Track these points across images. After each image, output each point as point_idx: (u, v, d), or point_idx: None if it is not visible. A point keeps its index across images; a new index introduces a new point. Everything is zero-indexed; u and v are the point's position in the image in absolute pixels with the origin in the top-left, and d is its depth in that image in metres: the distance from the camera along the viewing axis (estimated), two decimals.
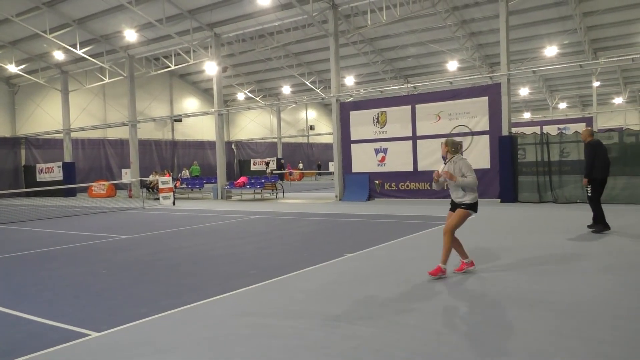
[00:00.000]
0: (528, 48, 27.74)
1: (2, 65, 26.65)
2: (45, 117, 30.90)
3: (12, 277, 7.30)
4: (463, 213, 6.44)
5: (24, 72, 27.86)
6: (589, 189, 9.25)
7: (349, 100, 20.38)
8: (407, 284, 6.00)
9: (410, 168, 17.72)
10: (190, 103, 39.37)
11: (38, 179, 29.63)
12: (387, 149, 18.31)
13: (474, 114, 16.54)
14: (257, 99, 39.20)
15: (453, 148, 6.62)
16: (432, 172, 6.82)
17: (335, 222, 12.57)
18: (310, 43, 28.40)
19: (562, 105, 43.58)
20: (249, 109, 27.65)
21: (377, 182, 18.41)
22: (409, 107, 17.87)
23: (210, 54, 23.26)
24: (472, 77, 22.33)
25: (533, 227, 10.54)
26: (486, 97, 16.39)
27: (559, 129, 26.15)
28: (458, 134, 16.28)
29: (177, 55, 26.04)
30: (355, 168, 19.05)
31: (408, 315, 4.83)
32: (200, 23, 22.25)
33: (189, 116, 30.87)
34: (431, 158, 16.84)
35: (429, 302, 5.29)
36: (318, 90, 35.48)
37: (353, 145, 19.12)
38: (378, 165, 18.48)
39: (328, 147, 43.32)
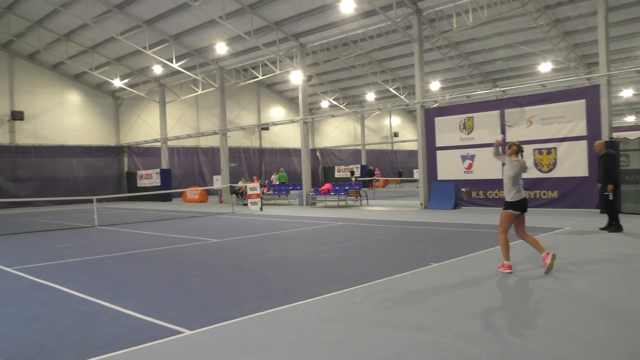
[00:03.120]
0: (630, 46, 25.70)
1: (109, 80, 29.05)
2: (144, 127, 33.22)
3: (115, 275, 7.91)
4: (503, 213, 6.84)
5: (127, 86, 30.16)
6: (610, 194, 10.58)
7: (434, 106, 19.98)
8: (496, 297, 5.77)
9: (500, 176, 16.89)
10: (276, 112, 40.54)
11: (139, 185, 31.85)
12: (474, 155, 17.72)
13: (569, 118, 15.58)
14: (341, 106, 39.54)
15: (517, 151, 7.17)
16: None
17: (420, 230, 12.36)
18: (394, 49, 28.24)
19: None
20: (333, 116, 27.97)
21: (463, 190, 17.86)
22: (498, 112, 17.18)
23: (295, 63, 23.85)
24: (568, 79, 21.04)
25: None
26: (583, 100, 15.36)
27: None
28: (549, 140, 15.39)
29: (264, 65, 26.95)
30: (441, 175, 18.61)
31: (497, 328, 4.64)
32: (285, 34, 22.90)
33: (275, 124, 31.78)
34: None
35: (519, 315, 5.05)
36: (402, 97, 35.15)
37: (438, 152, 18.71)
38: (465, 172, 17.93)
39: (412, 154, 42.70)
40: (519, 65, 30.74)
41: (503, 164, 7.19)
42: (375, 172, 39.92)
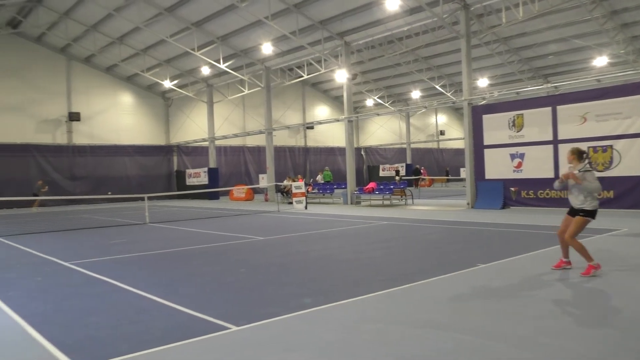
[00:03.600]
0: None
1: (159, 81, 29.97)
2: (193, 127, 34.07)
3: (165, 271, 8.16)
4: (582, 220, 6.57)
5: (176, 87, 31.02)
6: None
7: (481, 103, 19.53)
8: (546, 300, 5.59)
9: (551, 175, 16.41)
10: (321, 110, 40.68)
11: (187, 183, 32.70)
12: (524, 154, 17.20)
13: (627, 115, 14.86)
14: (386, 104, 39.25)
15: (578, 157, 6.82)
16: None
17: (466, 231, 12.12)
18: (440, 46, 27.79)
19: None
20: (378, 115, 27.84)
21: (512, 189, 17.34)
22: (549, 108, 16.60)
23: (340, 62, 23.84)
24: (625, 73, 20.07)
25: None
26: None
27: None
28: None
29: (309, 65, 27.10)
30: (489, 174, 18.17)
31: (547, 332, 4.50)
32: (330, 32, 22.93)
33: (320, 123, 31.95)
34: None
35: (570, 320, 4.87)
36: (449, 94, 34.55)
37: (486, 151, 18.26)
38: (514, 171, 17.43)
39: (459, 152, 41.94)
40: (572, 59, 29.63)
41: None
42: (422, 171, 39.42)
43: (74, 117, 29.50)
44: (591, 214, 6.59)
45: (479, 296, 5.87)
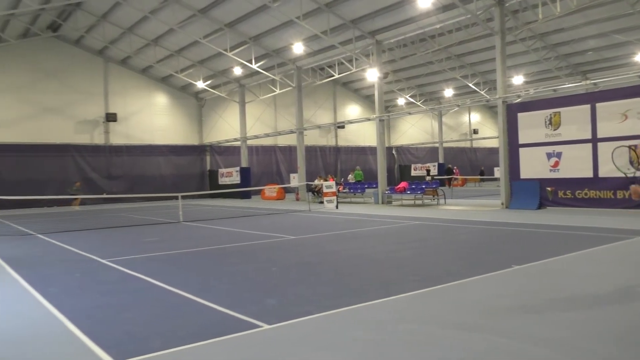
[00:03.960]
0: None
1: (192, 81, 30.46)
2: (225, 127, 34.49)
3: (198, 269, 8.27)
4: None
5: (209, 87, 31.46)
6: None
7: (517, 101, 19.11)
8: (584, 303, 5.42)
9: (590, 174, 15.94)
10: (352, 110, 40.58)
11: (220, 182, 33.12)
12: (561, 153, 16.74)
13: None
14: (418, 103, 38.86)
15: None
16: (616, 178, 6.35)
17: (501, 231, 11.88)
18: (474, 43, 27.32)
19: None
20: (409, 114, 27.60)
21: (549, 189, 16.94)
22: (588, 106, 16.10)
23: (371, 61, 23.73)
24: None
25: None
26: None
27: None
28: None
29: (340, 64, 27.06)
30: (524, 174, 17.76)
31: (589, 337, 4.36)
32: (362, 31, 22.83)
33: (351, 123, 31.87)
34: (616, 163, 14.94)
35: (613, 323, 4.70)
36: (482, 92, 33.95)
37: (521, 150, 17.86)
38: (550, 171, 16.99)
39: (493, 151, 41.17)
40: (612, 55, 28.68)
41: None
42: (455, 171, 38.87)
43: (110, 117, 30.26)
44: None
45: (514, 298, 5.74)
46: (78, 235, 13.66)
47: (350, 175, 33.03)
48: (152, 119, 32.39)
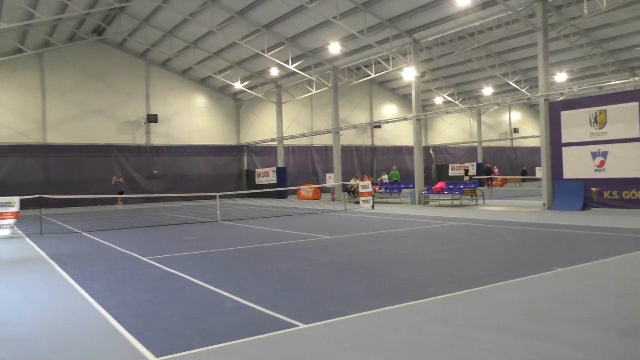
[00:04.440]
0: None
1: (230, 82, 30.92)
2: (262, 127, 34.84)
3: (235, 267, 8.39)
4: None
5: (247, 88, 31.85)
6: None
7: (560, 99, 18.56)
8: (628, 309, 5.21)
9: (638, 174, 15.33)
10: (388, 109, 40.30)
11: (256, 182, 33.49)
12: (607, 152, 16.16)
13: None
14: (456, 102, 38.25)
15: None
16: None
17: (542, 233, 11.56)
18: (515, 40, 26.68)
19: None
20: (447, 113, 27.19)
21: (594, 189, 16.38)
22: (636, 103, 15.49)
23: (408, 60, 23.49)
24: None
25: None
26: None
27: None
28: None
29: (377, 63, 26.90)
30: (567, 174, 17.23)
31: (629, 345, 4.19)
32: (399, 30, 22.63)
33: (387, 122, 31.63)
34: None
35: None
36: (523, 90, 33.11)
37: (564, 149, 17.34)
38: (595, 170, 16.43)
39: (534, 151, 40.12)
40: None
41: None
42: (494, 170, 38.04)
43: (151, 118, 31.03)
44: None
45: (556, 301, 5.57)
46: (120, 234, 14.08)
47: (384, 175, 32.64)
48: (192, 119, 33.03)
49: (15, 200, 14.14)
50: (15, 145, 27.10)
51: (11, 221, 13.91)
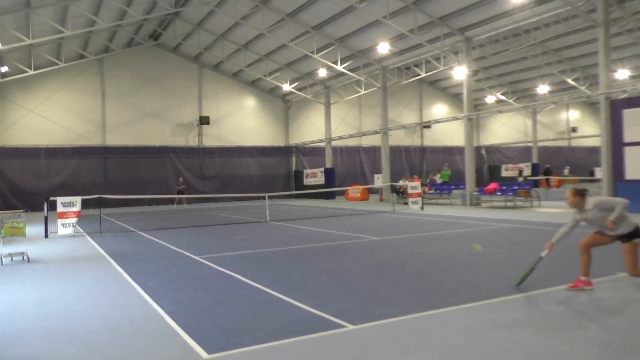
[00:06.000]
0: None
1: (279, 84, 31.28)
2: (311, 128, 35.04)
3: (284, 267, 8.47)
4: (630, 247, 5.91)
5: (295, 89, 32.11)
6: None
7: (622, 96, 17.67)
8: None
9: None
10: (439, 109, 39.60)
11: (305, 183, 33.70)
12: None
13: None
14: (510, 101, 37.11)
15: (582, 196, 6.61)
16: None
17: None
18: (573, 36, 25.61)
19: None
20: (500, 112, 26.45)
21: None
22: None
23: (460, 58, 23.01)
24: None
25: None
26: None
27: None
28: None
29: (427, 62, 26.50)
30: (630, 174, 16.38)
31: None
32: (450, 28, 22.20)
33: (437, 122, 31.08)
34: None
35: None
36: (582, 88, 31.75)
37: (627, 149, 16.49)
38: None
39: (594, 150, 38.40)
40: None
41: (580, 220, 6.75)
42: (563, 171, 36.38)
43: (204, 120, 31.83)
44: (633, 235, 6.06)
45: (616, 306, 5.31)
46: (174, 233, 14.51)
47: (437, 175, 32.02)
48: (242, 121, 33.63)
49: (77, 200, 14.86)
50: (78, 147, 28.45)
51: (73, 220, 14.63)
